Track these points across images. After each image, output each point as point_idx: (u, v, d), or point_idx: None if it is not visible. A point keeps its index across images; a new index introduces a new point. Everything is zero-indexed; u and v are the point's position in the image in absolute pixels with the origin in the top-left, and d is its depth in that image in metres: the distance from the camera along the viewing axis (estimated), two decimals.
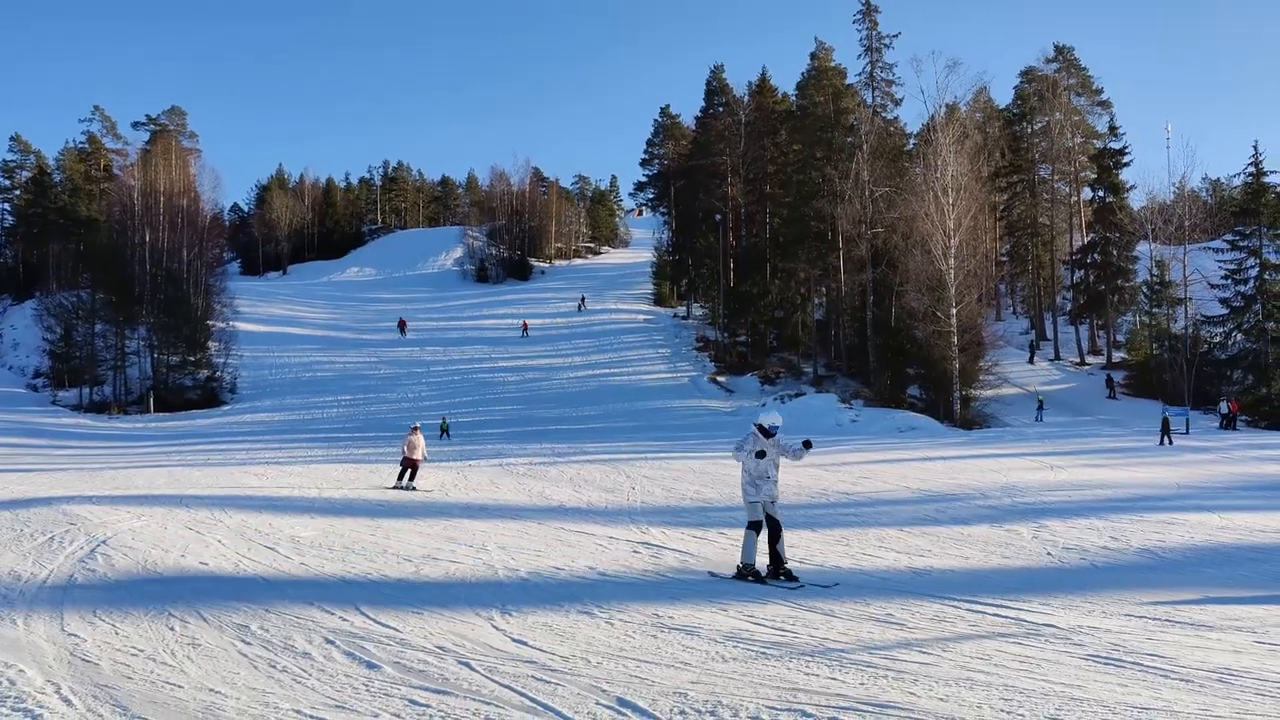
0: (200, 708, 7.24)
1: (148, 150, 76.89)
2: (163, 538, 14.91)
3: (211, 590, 11.57)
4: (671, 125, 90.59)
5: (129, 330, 57.93)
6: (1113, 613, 10.17)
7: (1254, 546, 14.43)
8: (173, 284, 60.56)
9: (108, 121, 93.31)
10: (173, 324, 56.98)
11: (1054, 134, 65.75)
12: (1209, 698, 7.09)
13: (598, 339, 64.09)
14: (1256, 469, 25.89)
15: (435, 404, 49.58)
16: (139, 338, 57.91)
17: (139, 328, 58.11)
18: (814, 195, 56.35)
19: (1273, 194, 53.97)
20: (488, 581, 12.26)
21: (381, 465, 29.23)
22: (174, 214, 63.21)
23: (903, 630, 9.55)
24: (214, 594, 11.34)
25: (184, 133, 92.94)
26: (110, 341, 57.41)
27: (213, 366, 55.99)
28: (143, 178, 64.95)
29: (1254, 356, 48.52)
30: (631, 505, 19.67)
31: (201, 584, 11.95)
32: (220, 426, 45.83)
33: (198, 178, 71.88)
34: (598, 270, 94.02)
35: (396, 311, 75.58)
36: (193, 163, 77.36)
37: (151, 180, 64.10)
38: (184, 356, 56.17)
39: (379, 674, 8.20)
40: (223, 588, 11.74)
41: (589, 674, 8.06)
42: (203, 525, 16.34)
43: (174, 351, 56.33)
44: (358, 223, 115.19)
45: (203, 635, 9.53)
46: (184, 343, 56.37)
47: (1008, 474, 24.25)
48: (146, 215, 62.64)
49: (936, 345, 45.24)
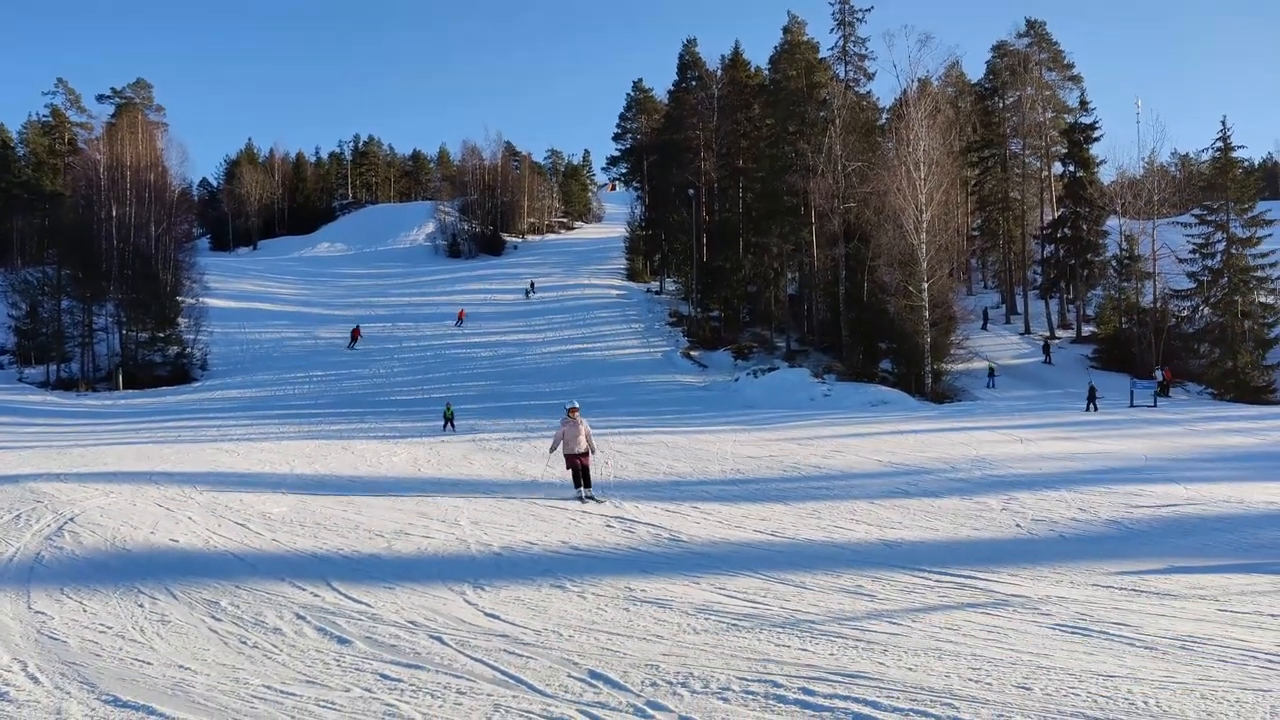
0: (169, 684, 7.22)
1: (113, 124, 75.68)
2: (132, 515, 14.80)
3: (181, 567, 11.51)
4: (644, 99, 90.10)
5: (96, 306, 57.16)
6: (1080, 583, 10.30)
7: (1218, 517, 14.63)
8: (141, 260, 59.77)
9: (72, 94, 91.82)
10: (141, 300, 56.28)
11: (1025, 109, 65.89)
12: (1172, 665, 7.20)
13: (571, 314, 63.95)
14: (1222, 441, 26.22)
15: (407, 380, 49.39)
16: (107, 314, 57.18)
17: (107, 304, 57.37)
18: (787, 170, 56.26)
19: (1240, 169, 54.43)
20: (460, 556, 12.26)
21: (354, 441, 29.12)
22: (141, 189, 62.18)
23: (873, 601, 9.63)
24: (184, 570, 11.28)
25: (150, 106, 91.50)
26: (77, 318, 56.64)
27: (183, 343, 55.36)
28: (108, 151, 63.89)
29: (1220, 330, 49.02)
30: (605, 480, 19.69)
31: (171, 560, 11.88)
32: (191, 403, 45.48)
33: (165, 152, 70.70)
34: (571, 245, 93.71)
35: (369, 287, 75.08)
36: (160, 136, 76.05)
37: (117, 154, 63.06)
38: (153, 333, 55.50)
39: (350, 649, 8.20)
40: (193, 564, 11.68)
41: (561, 647, 8.09)
42: (173, 502, 16.23)
43: (143, 328, 55.66)
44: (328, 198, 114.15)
45: (172, 612, 9.48)
46: (153, 319, 55.69)
47: (978, 447, 24.44)
48: (113, 190, 61.66)
49: (908, 319, 45.39)
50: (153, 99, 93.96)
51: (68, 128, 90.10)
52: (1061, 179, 63.11)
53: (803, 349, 55.55)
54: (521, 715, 6.37)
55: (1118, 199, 55.69)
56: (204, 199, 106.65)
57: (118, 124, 72.46)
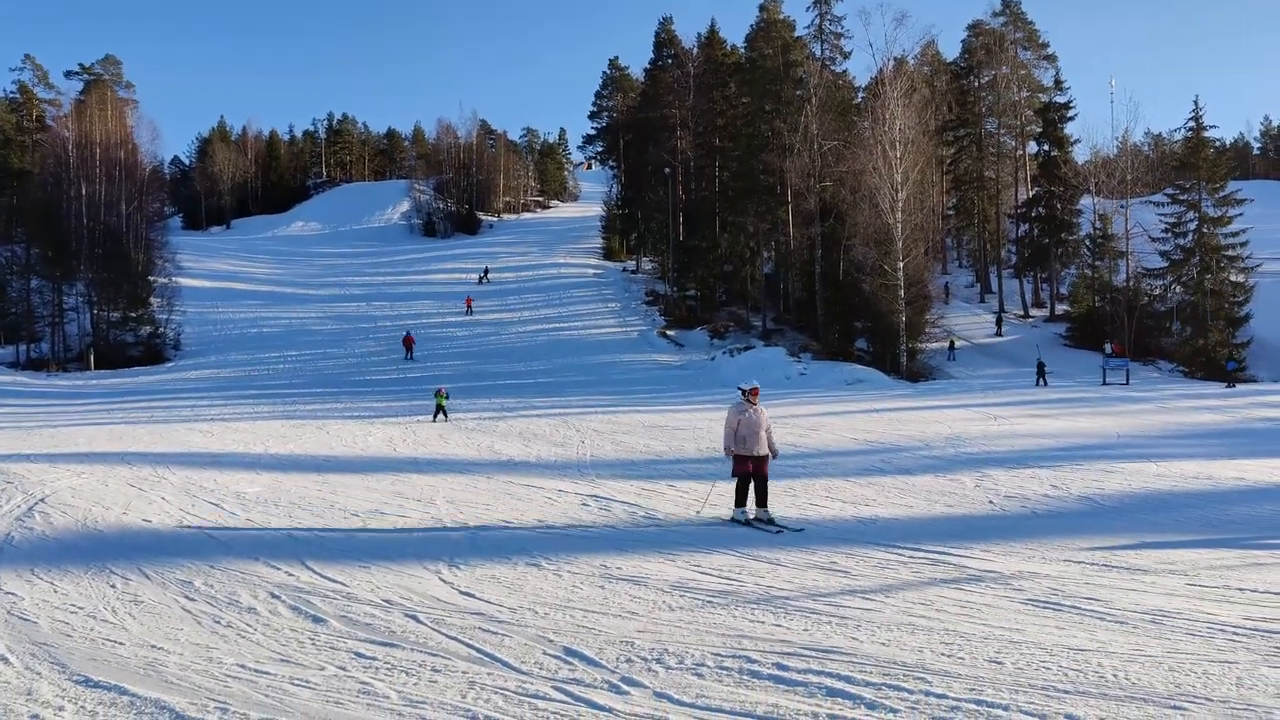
0: (142, 664, 7.18)
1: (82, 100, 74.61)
2: (103, 495, 14.69)
3: (154, 547, 11.44)
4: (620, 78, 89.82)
5: (66, 286, 56.55)
6: (1052, 558, 10.39)
7: (1188, 492, 14.79)
8: (112, 238, 59.12)
9: (39, 71, 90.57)
10: (112, 279, 55.71)
11: (1000, 88, 66.09)
12: (1142, 638, 7.28)
13: (547, 293, 63.81)
14: (1193, 418, 26.49)
15: (383, 360, 49.18)
16: (77, 293, 56.55)
17: (77, 283, 56.76)
18: (763, 148, 56.23)
19: (1212, 149, 54.82)
20: (435, 535, 12.24)
21: (329, 421, 28.97)
22: (111, 166, 61.45)
23: (847, 578, 9.69)
24: (157, 550, 11.22)
25: (120, 82, 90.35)
26: (47, 297, 56.00)
27: (155, 323, 54.87)
28: (77, 129, 63.07)
29: (1192, 308, 49.48)
30: (581, 459, 19.69)
31: (144, 541, 11.81)
32: (164, 383, 45.11)
33: (135, 129, 69.82)
34: (547, 224, 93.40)
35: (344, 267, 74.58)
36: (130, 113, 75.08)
37: (87, 131, 62.24)
38: (125, 312, 54.99)
39: (325, 628, 8.18)
40: (166, 544, 11.62)
41: (536, 625, 8.09)
42: (145, 482, 16.12)
43: (114, 307, 55.14)
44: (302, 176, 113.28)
45: (145, 592, 9.43)
46: (125, 298, 55.16)
47: (952, 425, 24.58)
48: (82, 167, 60.90)
49: (883, 298, 45.58)
50: (122, 75, 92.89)
51: (35, 104, 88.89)
52: (1036, 158, 63.39)
53: (779, 328, 55.67)
54: (497, 692, 6.37)
55: (1092, 178, 56.01)
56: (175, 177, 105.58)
57: (87, 101, 71.45)
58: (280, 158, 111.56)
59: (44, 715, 6.16)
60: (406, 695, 6.37)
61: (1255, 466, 17.17)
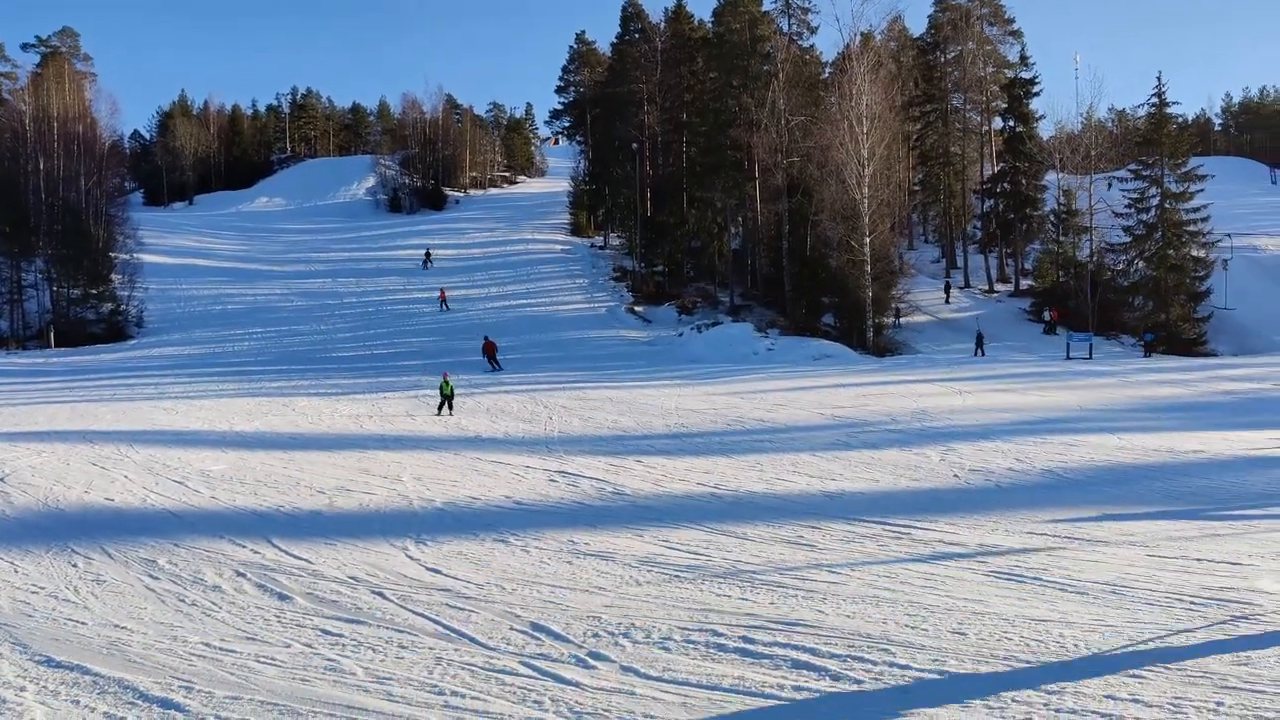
0: (105, 644, 7.12)
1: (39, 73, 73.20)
2: (65, 474, 14.53)
3: (117, 526, 11.34)
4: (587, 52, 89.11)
5: (25, 263, 55.59)
6: (1015, 531, 10.51)
7: (1149, 465, 14.99)
8: (71, 214, 58.13)
9: None
10: (72, 256, 54.78)
11: (966, 64, 66.17)
12: (1102, 608, 7.39)
13: (514, 269, 63.45)
14: (1154, 392, 26.80)
15: (349, 336, 48.83)
16: (36, 270, 55.61)
17: (36, 259, 55.82)
18: (730, 124, 56.04)
19: (1174, 125, 55.25)
20: (402, 512, 12.21)
21: (295, 398, 28.75)
22: (69, 141, 60.38)
23: (813, 551, 9.76)
24: (120, 529, 11.12)
25: (77, 55, 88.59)
26: (5, 275, 55.00)
27: (117, 300, 54.06)
28: (34, 103, 61.84)
29: (1154, 283, 49.98)
30: (549, 435, 19.68)
31: (106, 520, 11.71)
32: (126, 361, 44.57)
33: (94, 103, 68.56)
34: (514, 200, 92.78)
35: (309, 243, 73.85)
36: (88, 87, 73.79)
37: (44, 105, 61.07)
38: (85, 289, 54.15)
39: (291, 605, 8.15)
40: (129, 523, 11.52)
41: (503, 600, 8.10)
42: (108, 461, 15.96)
43: (75, 284, 54.28)
44: (266, 151, 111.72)
45: (107, 571, 9.35)
46: (85, 275, 54.30)
47: (918, 399, 24.73)
48: (40, 142, 59.76)
49: (850, 274, 45.68)
50: (80, 48, 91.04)
51: None
52: (1001, 134, 63.57)
53: (746, 304, 55.69)
54: (463, 668, 6.38)
55: (1056, 154, 56.28)
56: (136, 152, 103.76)
57: (44, 74, 70.08)
58: (243, 132, 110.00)
59: (4, 695, 6.11)
60: (373, 672, 6.37)
61: (1216, 439, 17.41)
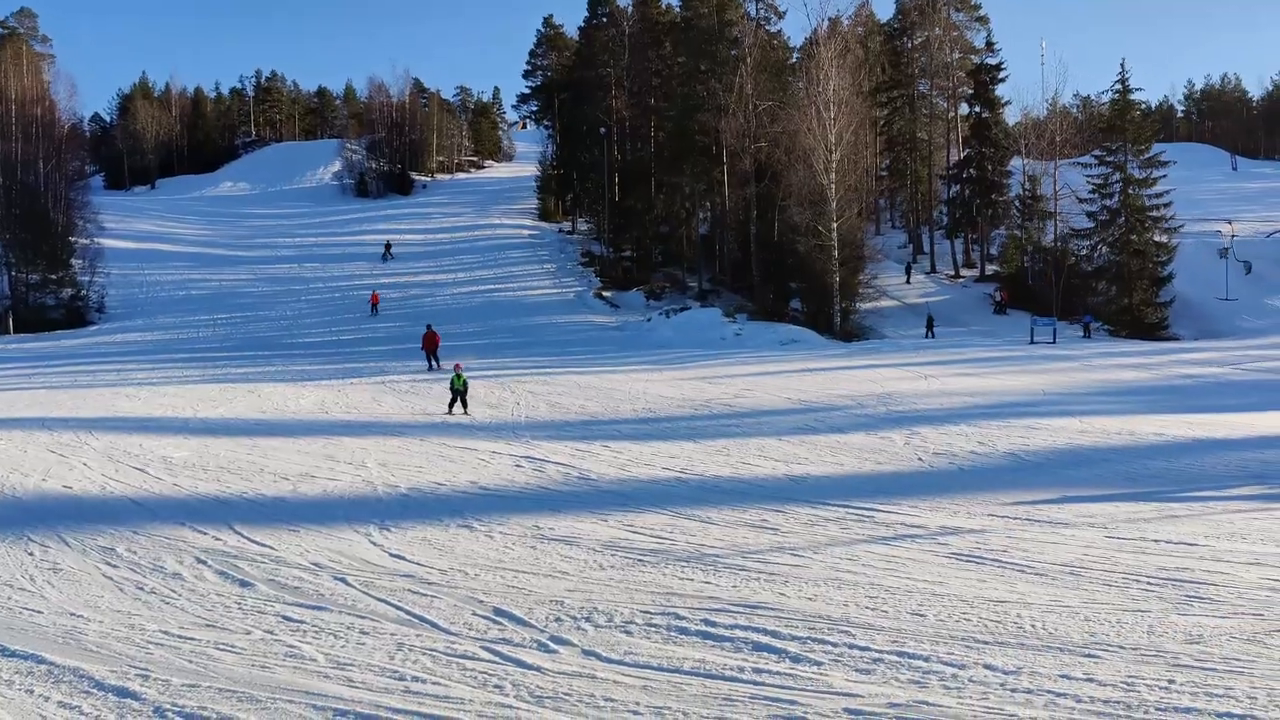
0: (60, 632, 7.05)
1: None
2: (22, 461, 14.35)
3: (75, 513, 11.22)
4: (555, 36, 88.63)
5: None
6: (977, 513, 10.60)
7: (1110, 448, 15.16)
8: (29, 198, 57.24)
9: None
10: (31, 240, 54.01)
11: (933, 49, 66.40)
12: (1060, 589, 7.47)
13: (482, 255, 63.18)
14: (1115, 375, 27.10)
15: (316, 321, 48.48)
16: None
17: None
18: (698, 109, 55.98)
19: (1137, 111, 55.73)
20: (366, 498, 12.16)
21: (260, 384, 28.50)
22: (27, 124, 59.42)
23: (777, 535, 9.80)
24: (78, 517, 11.00)
25: (35, 36, 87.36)
26: None
27: (77, 285, 53.36)
28: None
29: (1117, 268, 50.47)
30: (516, 420, 19.65)
31: (65, 507, 11.58)
32: (88, 347, 44.01)
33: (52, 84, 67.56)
34: (482, 184, 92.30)
35: (275, 228, 73.15)
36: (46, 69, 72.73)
37: (1, 87, 60.20)
38: (45, 274, 53.41)
39: (252, 592, 8.10)
40: (88, 511, 11.40)
41: (466, 586, 8.09)
42: (67, 448, 15.77)
43: (34, 269, 53.53)
44: (230, 135, 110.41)
45: (65, 559, 9.25)
46: (44, 260, 53.56)
47: (884, 384, 24.87)
48: None
49: (818, 259, 45.83)
50: (38, 29, 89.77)
51: None
52: (967, 119, 63.91)
53: (714, 289, 55.77)
54: (425, 653, 6.36)
55: (1022, 139, 56.69)
56: (96, 135, 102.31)
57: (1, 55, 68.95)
58: (206, 116, 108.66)
59: None
60: (334, 657, 6.34)
61: (1175, 422, 17.64)
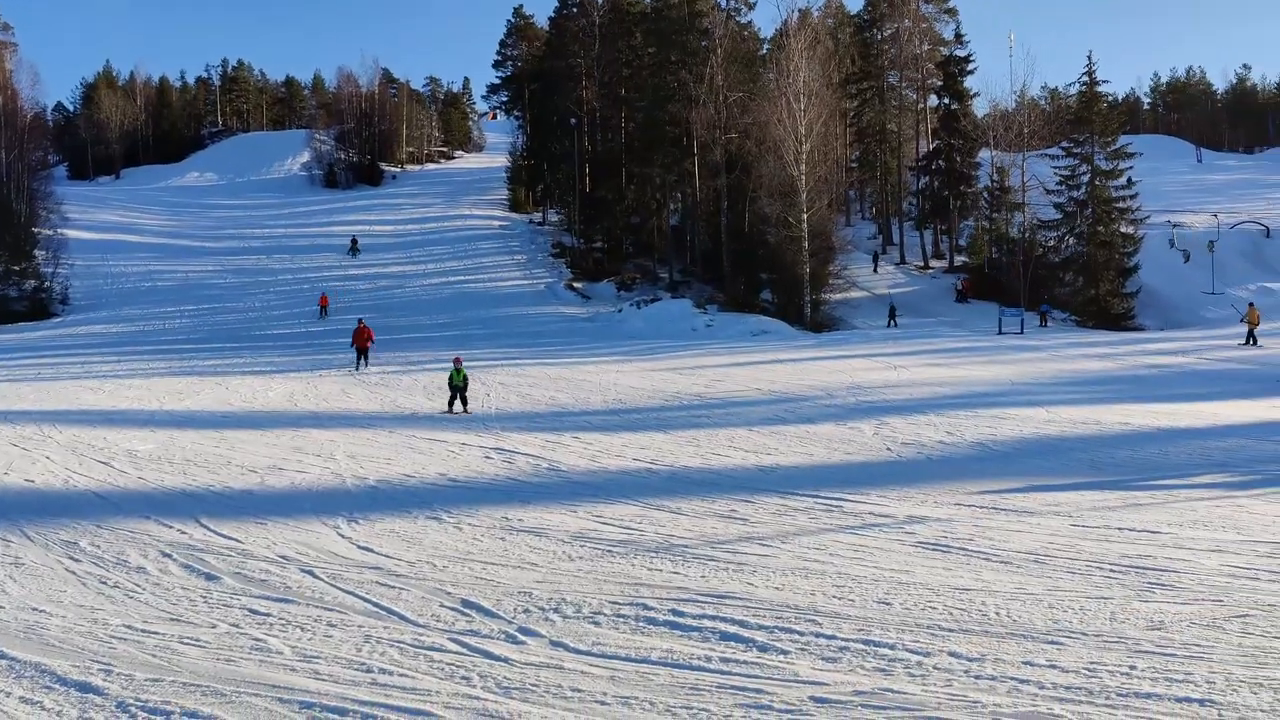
0: (22, 627, 6.97)
1: None
2: None
3: (38, 507, 11.09)
4: (525, 26, 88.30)
5: None
6: (944, 502, 10.68)
7: (1076, 437, 15.31)
8: None
9: None
10: None
11: (902, 41, 66.67)
12: (1025, 577, 7.54)
13: (452, 246, 62.92)
14: (1082, 365, 27.35)
15: (284, 313, 48.11)
16: None
17: None
18: (669, 99, 55.92)
19: (1104, 103, 56.18)
20: (335, 490, 12.09)
21: (228, 376, 28.28)
22: None
23: (745, 525, 9.83)
24: (40, 511, 10.88)
25: None
26: None
27: (40, 276, 52.64)
28: None
29: (1084, 259, 50.92)
30: (486, 412, 19.60)
31: (27, 501, 11.45)
32: (51, 339, 43.47)
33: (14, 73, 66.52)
34: (452, 175, 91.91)
35: (242, 219, 72.50)
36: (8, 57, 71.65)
37: None
38: (7, 266, 52.68)
39: (218, 585, 8.04)
40: (50, 505, 11.28)
41: (434, 578, 8.06)
42: (29, 441, 15.59)
43: None
44: (196, 125, 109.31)
45: (27, 554, 9.14)
46: (6, 251, 52.85)
47: (853, 374, 24.99)
48: None
49: (788, 250, 45.96)
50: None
51: None
52: (936, 111, 64.23)
53: (685, 280, 55.80)
54: (393, 645, 6.34)
55: (990, 131, 57.03)
56: (59, 124, 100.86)
57: None
58: (172, 105, 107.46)
59: None
60: (300, 650, 6.30)
61: (1140, 411, 17.83)
